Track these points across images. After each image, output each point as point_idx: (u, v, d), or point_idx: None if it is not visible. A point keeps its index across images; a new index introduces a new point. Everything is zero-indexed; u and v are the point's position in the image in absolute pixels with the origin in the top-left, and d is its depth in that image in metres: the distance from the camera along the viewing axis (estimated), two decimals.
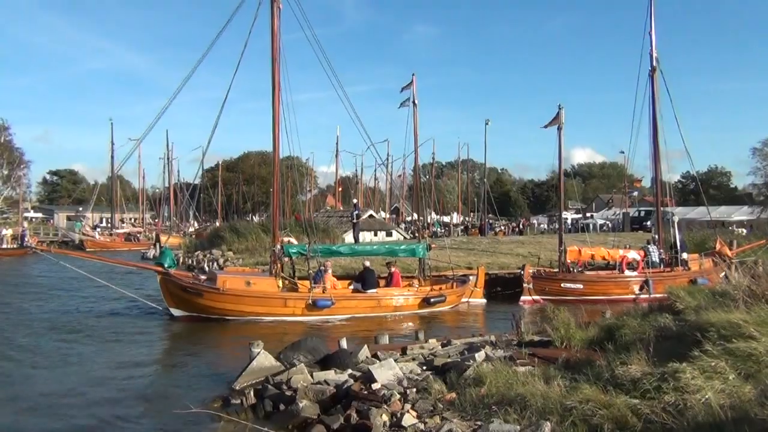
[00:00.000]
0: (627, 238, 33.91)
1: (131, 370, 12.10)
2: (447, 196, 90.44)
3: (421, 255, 21.28)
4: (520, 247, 30.14)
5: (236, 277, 18.61)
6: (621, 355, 7.60)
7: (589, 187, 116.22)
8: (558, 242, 23.16)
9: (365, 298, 18.91)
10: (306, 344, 10.82)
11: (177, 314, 17.92)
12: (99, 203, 75.50)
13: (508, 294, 22.73)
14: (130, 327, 16.77)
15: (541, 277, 21.96)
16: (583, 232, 39.74)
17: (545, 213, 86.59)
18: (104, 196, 77.73)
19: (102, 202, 79.29)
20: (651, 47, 23.14)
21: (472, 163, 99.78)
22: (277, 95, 18.91)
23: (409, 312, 19.18)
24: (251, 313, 17.67)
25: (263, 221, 46.97)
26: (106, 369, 12.16)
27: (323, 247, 20.74)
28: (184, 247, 39.79)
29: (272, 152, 19.79)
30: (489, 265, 24.58)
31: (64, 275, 25.92)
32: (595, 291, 21.31)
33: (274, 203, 20.32)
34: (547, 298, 20.71)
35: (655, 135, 23.27)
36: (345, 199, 76.30)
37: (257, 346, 10.35)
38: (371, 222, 43.46)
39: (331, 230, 35.25)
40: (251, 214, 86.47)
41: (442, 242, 28.10)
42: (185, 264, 34.14)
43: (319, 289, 18.25)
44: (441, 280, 21.36)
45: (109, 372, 11.92)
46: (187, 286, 17.82)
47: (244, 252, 31.80)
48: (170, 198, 69.09)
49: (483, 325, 18.14)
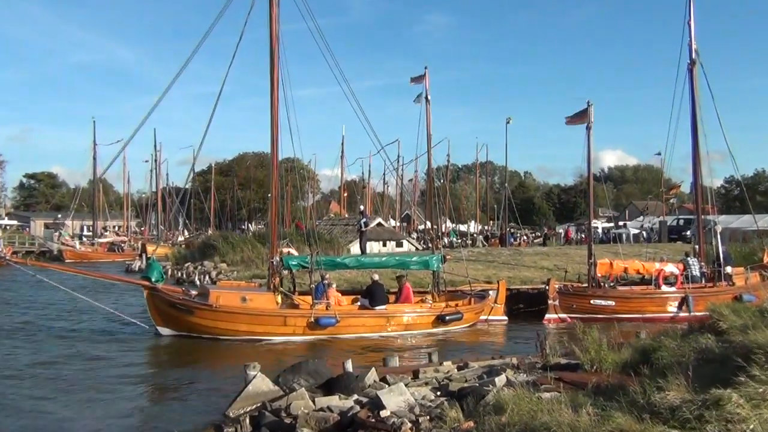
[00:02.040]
0: (664, 249, 33.75)
1: (114, 395, 12.15)
2: (464, 202, 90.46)
3: (435, 268, 21.27)
4: (545, 260, 30.06)
5: (230, 293, 18.66)
6: (658, 380, 7.56)
7: (622, 192, 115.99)
8: (587, 254, 23.08)
9: (373, 315, 18.90)
10: (307, 367, 10.84)
11: (165, 333, 17.97)
12: (80, 210, 75.86)
13: (532, 311, 22.63)
14: (113, 348, 16.84)
15: (568, 292, 21.89)
16: (615, 242, 39.55)
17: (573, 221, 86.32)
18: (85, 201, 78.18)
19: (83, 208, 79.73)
20: (690, 38, 23.12)
21: (492, 166, 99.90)
22: (276, 91, 19.02)
23: (422, 331, 19.16)
24: (247, 332, 17.69)
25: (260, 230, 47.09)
26: (86, 393, 12.22)
27: (327, 258, 20.76)
28: (172, 258, 39.94)
29: (270, 153, 19.89)
30: (510, 279, 24.52)
31: (43, 289, 26.09)
32: (629, 309, 21.22)
33: (273, 210, 20.41)
34: (574, 316, 20.62)
35: (695, 135, 23.22)
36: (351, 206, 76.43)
37: (253, 368, 10.37)
38: (380, 231, 43.48)
39: (335, 240, 35.30)
40: (247, 221, 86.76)
41: (458, 253, 28.07)
42: (174, 277, 34.24)
43: (322, 305, 18.27)
44: (457, 295, 21.32)
45: (90, 397, 11.97)
46: (176, 303, 17.88)
47: (239, 264, 31.88)
48: (158, 204, 69.49)
49: (504, 345, 18.06)
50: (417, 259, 21.90)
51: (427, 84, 23.89)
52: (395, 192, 74.93)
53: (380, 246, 41.24)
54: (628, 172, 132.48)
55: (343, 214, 61.76)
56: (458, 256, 26.64)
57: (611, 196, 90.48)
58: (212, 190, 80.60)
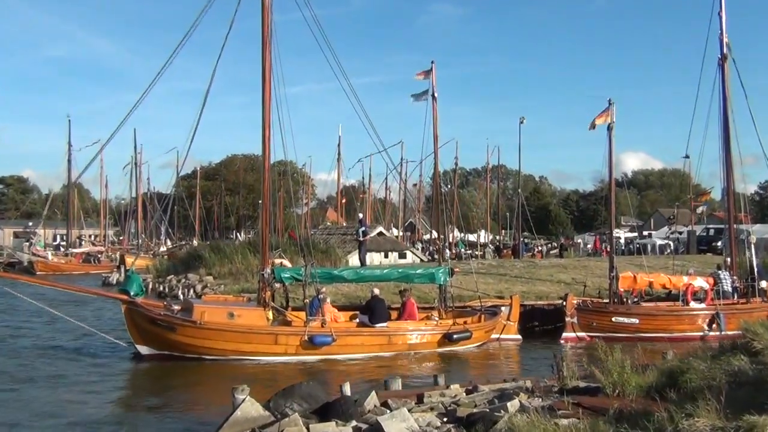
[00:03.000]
0: (693, 261, 33.70)
1: (86, 422, 12.08)
2: (473, 209, 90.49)
3: (442, 281, 21.25)
4: (562, 273, 30.02)
5: (217, 308, 18.64)
6: (686, 405, 7.53)
7: (646, 199, 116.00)
8: (609, 267, 23.06)
9: (373, 333, 18.88)
10: (301, 390, 10.80)
11: (145, 352, 17.94)
12: (52, 217, 76.02)
13: (548, 330, 22.61)
14: (88, 368, 16.80)
15: (587, 309, 21.86)
16: (639, 254, 39.51)
17: (593, 231, 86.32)
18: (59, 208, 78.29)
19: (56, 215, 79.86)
20: (721, 30, 23.16)
21: (504, 170, 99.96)
22: (268, 87, 19.06)
23: (427, 351, 19.14)
24: (235, 351, 17.67)
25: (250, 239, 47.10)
26: (54, 420, 12.14)
27: (322, 271, 20.75)
28: (153, 270, 39.93)
29: (262, 156, 19.90)
30: (524, 294, 24.48)
31: (11, 304, 26.09)
32: (654, 327, 21.19)
33: (264, 217, 20.42)
34: (594, 334, 20.59)
35: (727, 137, 23.23)
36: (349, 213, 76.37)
37: (242, 391, 10.34)
38: (381, 241, 43.47)
39: (332, 251, 35.28)
40: (236, 230, 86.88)
41: (467, 266, 28.04)
42: (155, 291, 34.23)
43: (316, 322, 18.26)
44: (466, 312, 21.31)
45: (57, 424, 11.91)
46: (158, 319, 17.87)
47: (226, 276, 31.86)
48: (138, 211, 69.55)
49: (517, 367, 18.04)
50: (422, 272, 21.88)
51: (433, 80, 23.87)
52: (398, 198, 75.14)
53: (381, 257, 41.21)
54: (652, 176, 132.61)
55: (341, 222, 61.75)
56: (467, 268, 26.62)
57: (634, 204, 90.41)
58: (197, 196, 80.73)
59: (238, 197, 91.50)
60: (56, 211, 78.76)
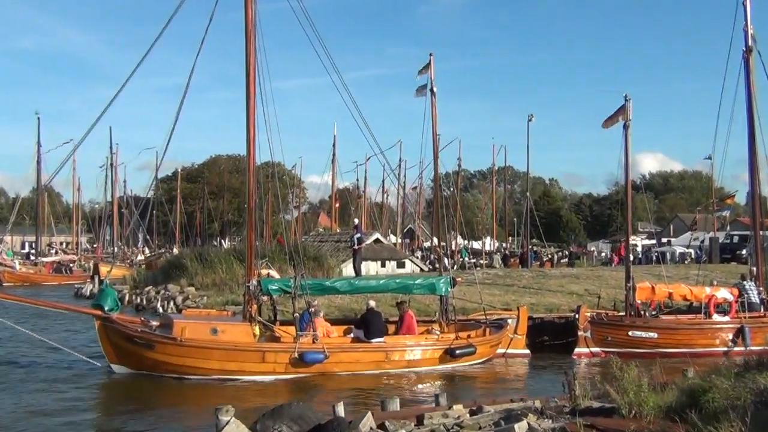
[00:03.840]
0: (716, 271, 33.72)
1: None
2: (478, 214, 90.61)
3: (443, 292, 21.24)
4: (574, 283, 30.04)
5: (198, 323, 18.61)
6: (708, 427, 7.54)
7: (665, 204, 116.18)
8: (625, 276, 23.06)
9: (369, 349, 18.86)
10: (290, 411, 10.78)
11: (120, 372, 17.91)
12: (21, 223, 75.95)
13: (559, 345, 22.60)
14: (57, 391, 16.69)
15: (602, 322, 21.87)
16: (657, 263, 39.57)
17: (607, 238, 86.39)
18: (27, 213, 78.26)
19: (24, 221, 79.84)
20: (745, 21, 23.19)
21: (511, 172, 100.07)
22: (253, 81, 19.06)
23: (427, 368, 19.14)
24: (218, 370, 17.65)
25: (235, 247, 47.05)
26: None
27: (314, 281, 20.73)
28: (130, 281, 39.85)
29: (247, 156, 19.90)
30: (533, 306, 24.50)
31: None
32: (674, 341, 21.19)
33: (250, 223, 20.39)
34: (609, 350, 20.58)
35: (752, 135, 23.25)
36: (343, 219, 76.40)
37: (226, 413, 10.32)
38: (377, 249, 43.46)
39: (324, 259, 35.27)
40: (220, 237, 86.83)
41: (470, 276, 28.05)
42: (132, 304, 34.15)
43: (307, 338, 18.23)
44: (470, 325, 21.30)
45: None
46: (134, 335, 17.83)
47: (209, 288, 31.83)
48: (113, 216, 69.48)
49: (525, 385, 18.01)
50: (422, 282, 21.85)
51: (432, 74, 23.84)
52: (396, 203, 75.15)
53: (378, 267, 41.20)
54: (672, 179, 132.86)
55: (334, 228, 61.80)
56: (471, 278, 26.61)
57: (652, 208, 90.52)
58: (178, 200, 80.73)
59: (222, 201, 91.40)
60: (25, 216, 78.74)
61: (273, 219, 74.93)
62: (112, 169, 67.81)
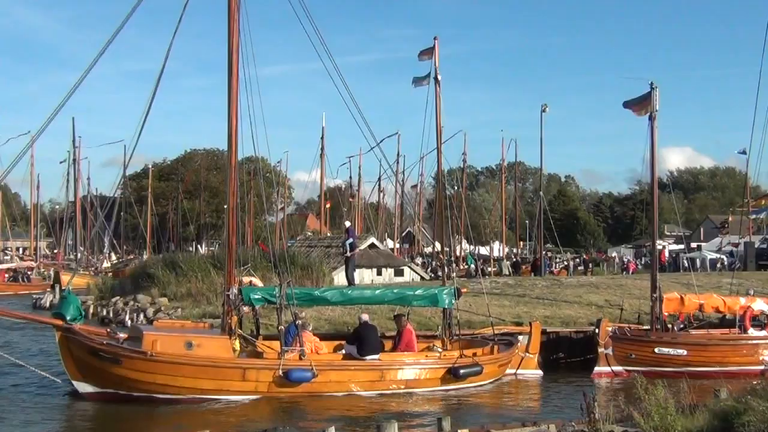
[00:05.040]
0: (751, 279, 33.75)
1: None
2: (485, 216, 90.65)
3: (447, 304, 21.20)
4: (594, 293, 30.00)
5: (171, 336, 18.55)
6: None
7: (694, 204, 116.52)
8: (651, 286, 23.06)
9: (362, 367, 18.82)
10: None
11: (84, 390, 17.83)
12: None
13: (576, 362, 22.61)
14: (12, 411, 16.60)
15: (624, 338, 21.87)
16: (687, 270, 39.58)
17: (631, 242, 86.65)
18: None
19: None
20: None
21: (522, 169, 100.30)
22: (236, 67, 19.04)
23: (429, 389, 19.09)
24: (193, 389, 17.60)
25: (213, 253, 47.01)
26: None
27: (301, 291, 20.69)
28: (95, 290, 39.82)
29: (227, 151, 19.87)
30: (547, 319, 24.47)
31: None
32: (705, 359, 21.21)
33: (230, 226, 20.35)
34: (633, 369, 20.59)
35: None
36: (334, 221, 76.47)
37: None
38: (373, 255, 43.46)
39: (313, 266, 35.25)
40: (196, 242, 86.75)
41: (477, 285, 28.01)
42: (97, 316, 34.15)
43: (294, 354, 18.19)
44: (476, 341, 21.29)
45: None
46: (99, 349, 17.76)
47: (184, 298, 31.80)
48: (76, 218, 69.38)
49: (538, 408, 18.01)
50: (422, 293, 21.81)
51: (436, 59, 23.81)
52: (394, 203, 75.15)
53: (373, 275, 41.18)
54: (702, 176, 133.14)
55: (324, 231, 61.78)
56: (477, 288, 26.58)
57: (680, 209, 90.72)
58: (149, 200, 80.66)
59: (199, 202, 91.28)
60: None
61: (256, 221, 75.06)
62: (75, 165, 67.81)
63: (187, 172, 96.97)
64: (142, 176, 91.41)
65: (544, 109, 49.17)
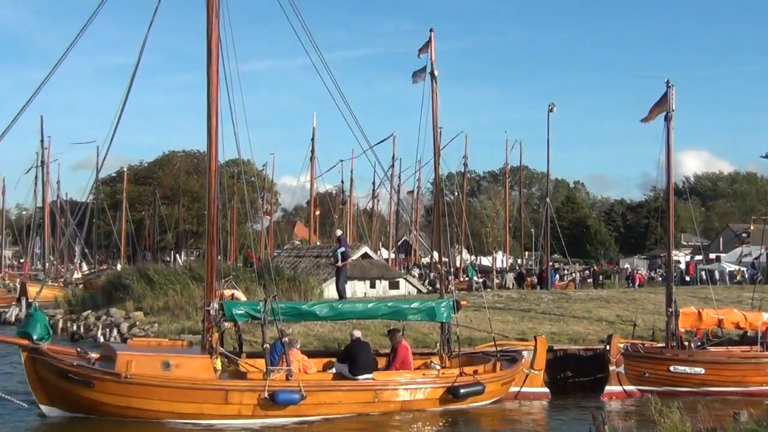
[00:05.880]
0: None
1: None
2: (487, 224, 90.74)
3: (446, 319, 21.22)
4: (604, 308, 30.07)
5: (147, 356, 18.50)
6: None
7: (713, 212, 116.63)
8: (666, 300, 23.09)
9: (354, 388, 18.79)
10: None
11: (52, 415, 17.79)
12: None
13: (585, 382, 22.62)
14: None
15: (637, 355, 21.90)
16: (705, 283, 39.69)
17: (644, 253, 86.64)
18: None
19: None
20: None
21: (528, 173, 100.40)
22: (216, 62, 19.02)
23: (426, 410, 19.07)
24: (171, 413, 17.55)
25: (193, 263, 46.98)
26: None
27: (288, 305, 20.67)
28: (65, 303, 39.72)
29: (208, 153, 19.84)
30: (554, 335, 24.51)
31: None
32: (724, 379, 21.27)
33: (211, 234, 20.33)
34: (647, 388, 20.67)
35: None
36: (324, 229, 76.36)
37: None
38: (366, 266, 43.44)
39: (301, 278, 35.27)
40: (174, 251, 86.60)
41: (478, 298, 28.04)
42: (67, 332, 34.06)
43: (280, 373, 18.17)
44: (477, 359, 21.27)
45: None
46: (69, 371, 17.71)
47: (161, 313, 31.75)
48: (45, 225, 69.16)
49: (544, 431, 17.99)
50: (419, 307, 21.80)
51: (432, 54, 23.80)
52: (389, 210, 75.19)
53: (366, 287, 41.16)
54: (720, 182, 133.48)
55: (314, 240, 61.76)
56: (479, 301, 26.61)
57: (698, 217, 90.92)
58: (124, 206, 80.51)
59: (178, 207, 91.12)
60: None
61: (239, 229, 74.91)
62: (43, 168, 67.49)
63: (165, 175, 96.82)
64: (117, 180, 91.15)
65: (551, 108, 49.28)
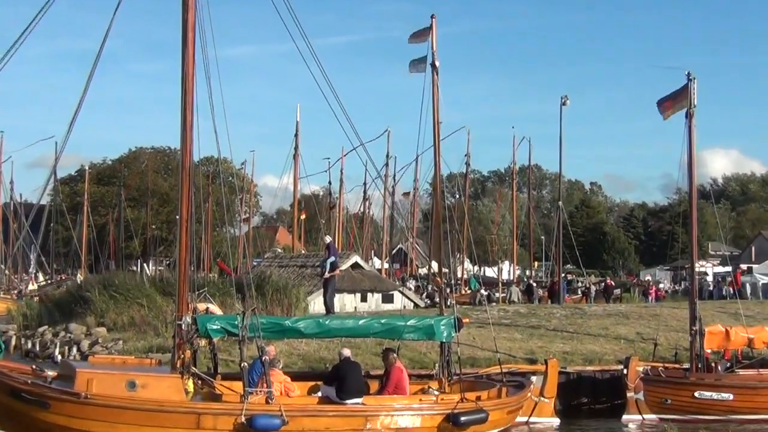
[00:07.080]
0: None
1: None
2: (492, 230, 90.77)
3: (445, 337, 21.23)
4: (622, 324, 30.10)
5: (110, 374, 18.49)
6: None
7: (744, 218, 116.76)
8: (689, 316, 23.14)
9: (342, 413, 18.80)
10: None
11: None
12: None
13: (601, 409, 22.65)
14: None
15: (659, 379, 21.96)
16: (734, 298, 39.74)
17: (666, 263, 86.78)
18: None
19: None
20: None
21: (538, 173, 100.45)
22: (192, 48, 19.03)
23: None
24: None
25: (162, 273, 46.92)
26: None
27: (269, 320, 20.66)
28: (18, 318, 39.71)
29: (181, 150, 19.86)
30: (567, 356, 24.54)
31: None
32: (756, 405, 21.33)
33: (182, 241, 20.33)
34: (669, 417, 20.72)
35: None
36: (310, 235, 76.36)
37: None
38: (356, 277, 43.45)
39: (284, 290, 35.26)
40: (141, 260, 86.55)
41: (482, 314, 28.06)
42: (20, 350, 34.04)
43: (259, 396, 18.18)
44: (480, 383, 21.34)
45: None
46: (22, 389, 17.70)
47: (126, 329, 31.75)
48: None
49: None
50: (416, 324, 21.79)
51: (433, 42, 23.84)
52: (382, 214, 75.20)
53: (357, 301, 41.19)
54: (752, 185, 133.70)
55: (298, 248, 61.78)
56: (483, 317, 26.62)
57: (728, 224, 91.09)
58: (85, 208, 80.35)
59: (146, 211, 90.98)
60: None
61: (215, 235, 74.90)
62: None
63: (131, 174, 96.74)
64: (77, 179, 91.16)
65: (564, 102, 49.36)
